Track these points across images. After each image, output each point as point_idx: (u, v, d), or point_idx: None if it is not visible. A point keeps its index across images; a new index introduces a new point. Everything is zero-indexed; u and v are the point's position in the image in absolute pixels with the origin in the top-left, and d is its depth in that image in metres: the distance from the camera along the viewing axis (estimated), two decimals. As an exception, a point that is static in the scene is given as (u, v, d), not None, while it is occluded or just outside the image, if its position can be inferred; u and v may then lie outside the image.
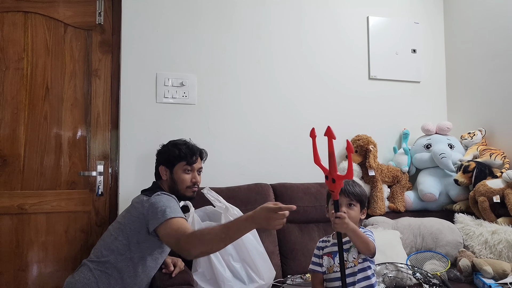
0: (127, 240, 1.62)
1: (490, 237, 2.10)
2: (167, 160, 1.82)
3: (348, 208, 1.52)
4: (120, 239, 1.63)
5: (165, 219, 1.55)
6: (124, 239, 1.63)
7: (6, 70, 2.17)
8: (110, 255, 1.62)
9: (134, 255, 1.62)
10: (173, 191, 1.80)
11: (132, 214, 1.67)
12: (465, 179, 2.36)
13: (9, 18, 2.19)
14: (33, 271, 2.14)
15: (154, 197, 1.65)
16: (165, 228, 1.54)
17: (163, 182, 1.83)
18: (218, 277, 1.80)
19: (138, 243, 1.62)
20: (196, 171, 1.86)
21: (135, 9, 2.32)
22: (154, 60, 2.33)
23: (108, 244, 1.65)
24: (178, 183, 1.80)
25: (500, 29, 2.53)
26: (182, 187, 1.81)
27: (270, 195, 2.28)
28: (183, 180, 1.81)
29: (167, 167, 1.82)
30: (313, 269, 1.58)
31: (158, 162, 1.85)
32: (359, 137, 2.56)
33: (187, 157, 1.82)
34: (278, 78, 2.57)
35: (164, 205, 1.59)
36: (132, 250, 1.62)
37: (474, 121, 2.70)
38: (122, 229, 1.65)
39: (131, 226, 1.64)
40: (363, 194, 1.57)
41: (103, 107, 2.31)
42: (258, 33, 2.55)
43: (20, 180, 2.15)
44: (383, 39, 2.80)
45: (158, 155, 1.88)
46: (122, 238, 1.63)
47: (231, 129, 2.45)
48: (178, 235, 1.49)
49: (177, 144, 1.85)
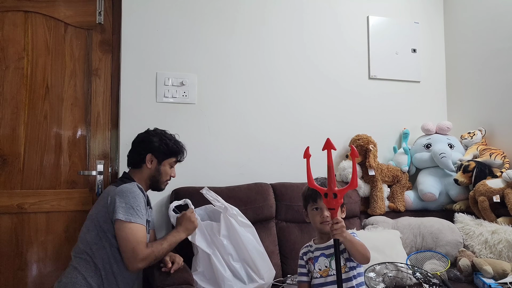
0: (97, 230, 1.64)
1: (490, 237, 2.10)
2: (159, 152, 1.81)
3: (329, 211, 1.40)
4: (91, 230, 1.66)
5: (122, 219, 1.59)
6: (94, 230, 1.65)
7: (6, 69, 2.17)
8: (86, 248, 1.64)
9: (105, 244, 1.63)
10: (153, 181, 1.83)
11: (99, 204, 1.70)
12: (465, 179, 2.36)
13: (10, 18, 2.19)
14: (33, 270, 2.14)
15: (122, 187, 1.67)
16: (124, 229, 1.59)
17: (143, 171, 1.81)
18: (218, 277, 1.80)
19: (106, 232, 1.63)
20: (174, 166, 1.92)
21: (135, 8, 2.32)
22: (154, 60, 2.33)
23: (82, 237, 1.68)
24: (162, 175, 1.83)
25: (500, 28, 2.53)
26: (163, 180, 1.85)
27: (270, 194, 2.28)
28: (167, 174, 1.85)
29: (156, 157, 1.82)
30: (302, 281, 1.52)
31: (147, 149, 1.81)
32: (359, 136, 2.56)
33: (178, 154, 1.88)
34: (278, 77, 2.57)
35: (129, 204, 1.62)
36: (103, 239, 1.63)
37: (474, 120, 2.70)
38: (92, 220, 1.68)
39: (97, 216, 1.66)
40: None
41: (103, 106, 2.31)
42: (259, 33, 2.55)
43: (20, 179, 2.15)
44: (383, 39, 2.81)
45: (148, 143, 1.82)
46: (93, 228, 1.65)
47: (231, 128, 2.45)
48: (136, 247, 1.58)
49: (172, 138, 1.88)
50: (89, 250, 1.63)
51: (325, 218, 1.41)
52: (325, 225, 1.44)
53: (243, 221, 1.99)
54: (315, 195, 1.47)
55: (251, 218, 2.10)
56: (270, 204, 2.25)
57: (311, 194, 1.49)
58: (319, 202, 1.46)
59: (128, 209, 1.61)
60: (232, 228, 1.91)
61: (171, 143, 1.84)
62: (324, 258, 1.47)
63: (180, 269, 1.74)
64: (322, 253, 1.48)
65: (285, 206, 2.29)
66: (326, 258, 1.45)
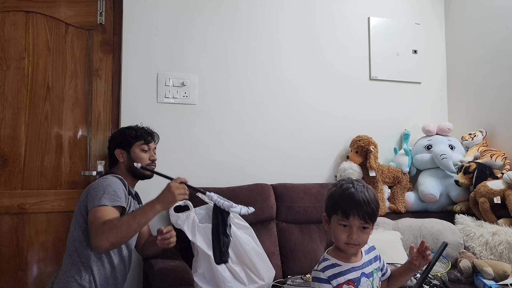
0: (80, 227, 1.63)
1: (490, 238, 2.10)
2: (123, 142, 1.83)
3: (361, 232, 1.15)
4: (76, 227, 1.64)
5: (95, 205, 1.55)
6: (78, 226, 1.64)
7: (7, 69, 2.17)
8: (71, 246, 1.62)
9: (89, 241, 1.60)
10: (132, 171, 1.81)
11: (80, 200, 1.69)
12: (466, 180, 2.36)
13: (11, 18, 2.19)
14: (33, 270, 2.14)
15: (97, 180, 1.67)
16: (91, 215, 1.55)
17: (120, 166, 1.83)
18: (218, 278, 1.80)
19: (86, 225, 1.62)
20: (152, 151, 1.88)
21: (136, 9, 2.32)
22: (155, 60, 2.33)
23: (70, 237, 1.66)
24: (137, 161, 1.81)
25: (500, 30, 2.53)
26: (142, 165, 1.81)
27: (271, 195, 2.28)
28: (141, 159, 1.82)
29: (123, 149, 1.82)
30: None
31: (114, 146, 1.85)
32: (360, 137, 2.56)
33: (144, 136, 1.85)
34: (278, 78, 2.57)
35: (102, 190, 1.60)
36: (87, 235, 1.60)
37: (474, 122, 2.70)
38: (75, 217, 1.67)
39: (79, 212, 1.65)
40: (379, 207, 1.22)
41: (104, 107, 2.31)
42: (259, 34, 2.55)
43: (21, 179, 2.15)
44: (384, 40, 2.80)
45: (112, 140, 1.89)
46: (77, 225, 1.64)
47: (232, 129, 2.45)
48: (93, 223, 1.51)
49: (131, 127, 1.88)
50: (78, 248, 1.60)
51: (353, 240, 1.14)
52: (350, 247, 1.16)
53: (241, 223, 1.99)
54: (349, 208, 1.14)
55: (252, 219, 2.10)
56: (270, 205, 2.25)
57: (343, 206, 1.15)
58: (352, 220, 1.14)
59: (96, 195, 1.58)
60: (230, 231, 1.90)
61: (129, 131, 1.85)
62: (366, 278, 1.19)
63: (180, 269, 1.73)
64: (363, 272, 1.19)
65: (285, 207, 2.29)
66: (368, 279, 1.19)
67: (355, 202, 1.13)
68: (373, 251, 1.27)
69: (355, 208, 1.13)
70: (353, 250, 1.17)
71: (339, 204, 1.16)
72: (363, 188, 1.17)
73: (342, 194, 1.17)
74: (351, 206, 1.13)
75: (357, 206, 1.13)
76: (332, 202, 1.19)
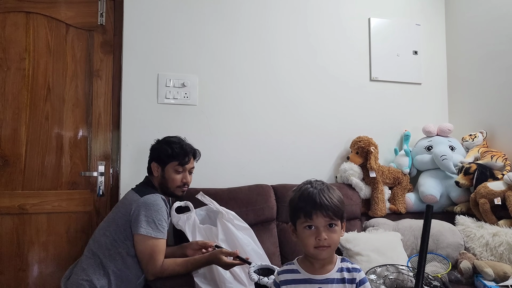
0: (113, 236, 1.65)
1: (491, 239, 2.10)
2: (159, 158, 1.82)
3: (329, 231, 1.09)
4: (107, 235, 1.66)
5: (149, 235, 1.61)
6: (111, 235, 1.65)
7: (7, 70, 2.17)
8: (99, 251, 1.64)
9: (122, 251, 1.64)
10: (163, 188, 1.82)
11: (120, 210, 1.70)
12: (466, 181, 2.36)
13: (11, 19, 2.19)
14: (34, 271, 2.14)
15: (146, 199, 1.67)
16: (143, 243, 1.62)
17: (154, 178, 1.84)
18: (218, 279, 1.80)
19: (124, 240, 1.65)
20: (187, 171, 1.86)
21: (136, 10, 2.32)
22: (155, 61, 2.34)
23: (97, 239, 1.68)
24: (168, 181, 1.81)
25: (501, 31, 2.53)
26: (172, 186, 1.82)
27: (271, 196, 2.28)
28: (173, 180, 1.81)
29: (159, 164, 1.82)
30: None
31: (151, 158, 1.86)
32: (360, 138, 2.56)
33: (179, 157, 1.81)
34: (279, 79, 2.57)
35: (152, 216, 1.63)
36: (120, 245, 1.64)
37: (475, 123, 2.70)
38: (110, 225, 1.68)
39: (118, 223, 1.66)
40: (343, 203, 1.14)
41: (104, 107, 2.31)
42: (260, 34, 2.55)
43: (21, 180, 2.15)
44: (385, 41, 2.80)
45: (152, 150, 1.88)
46: (109, 233, 1.66)
47: (232, 130, 2.45)
48: (151, 260, 1.62)
49: (171, 143, 1.84)
50: (102, 254, 1.63)
51: (322, 241, 1.07)
52: (321, 250, 1.08)
53: (240, 224, 1.99)
54: (310, 207, 1.09)
55: (252, 219, 2.10)
56: (271, 206, 2.25)
57: (304, 207, 1.10)
58: (316, 219, 1.08)
59: (149, 224, 1.62)
60: (229, 232, 1.90)
61: (166, 148, 1.82)
62: None
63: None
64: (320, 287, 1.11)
65: (286, 208, 2.28)
66: None
67: (315, 200, 1.09)
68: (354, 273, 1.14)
69: (316, 206, 1.08)
70: (325, 254, 1.10)
71: (300, 207, 1.11)
72: (322, 185, 1.13)
73: (301, 196, 1.12)
74: (312, 205, 1.08)
75: (317, 203, 1.08)
76: (293, 207, 1.14)
